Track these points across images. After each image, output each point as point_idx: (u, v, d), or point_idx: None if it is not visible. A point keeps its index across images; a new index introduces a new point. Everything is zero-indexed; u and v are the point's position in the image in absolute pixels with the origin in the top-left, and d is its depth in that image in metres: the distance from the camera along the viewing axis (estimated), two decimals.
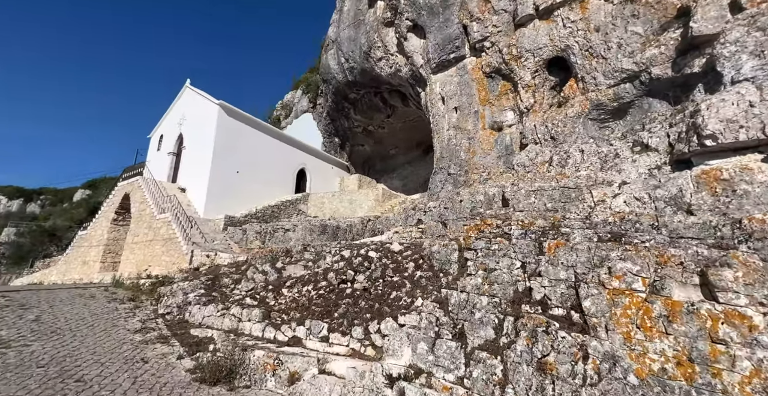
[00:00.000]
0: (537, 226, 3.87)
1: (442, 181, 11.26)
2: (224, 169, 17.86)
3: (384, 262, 5.66)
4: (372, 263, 5.79)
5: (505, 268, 3.57)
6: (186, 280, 7.74)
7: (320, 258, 7.23)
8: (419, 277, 4.93)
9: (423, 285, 4.80)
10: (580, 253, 3.07)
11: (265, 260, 8.23)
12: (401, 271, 5.32)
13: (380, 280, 5.36)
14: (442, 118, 12.11)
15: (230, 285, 7.24)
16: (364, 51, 16.78)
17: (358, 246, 6.62)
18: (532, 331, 2.83)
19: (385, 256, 5.79)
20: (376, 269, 5.58)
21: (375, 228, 11.35)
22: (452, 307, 3.61)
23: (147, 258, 14.15)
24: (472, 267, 3.72)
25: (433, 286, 4.68)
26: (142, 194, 16.14)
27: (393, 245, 6.00)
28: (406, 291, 4.79)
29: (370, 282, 5.42)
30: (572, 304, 2.90)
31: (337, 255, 6.57)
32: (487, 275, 3.56)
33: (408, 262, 5.45)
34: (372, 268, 5.70)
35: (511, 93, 10.09)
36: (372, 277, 5.49)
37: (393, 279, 5.24)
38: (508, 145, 10.03)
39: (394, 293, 4.86)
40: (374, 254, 5.95)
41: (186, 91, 20.83)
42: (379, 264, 5.66)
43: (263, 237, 14.78)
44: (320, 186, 23.60)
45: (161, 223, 14.24)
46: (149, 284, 8.40)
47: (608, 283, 2.80)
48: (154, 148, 22.38)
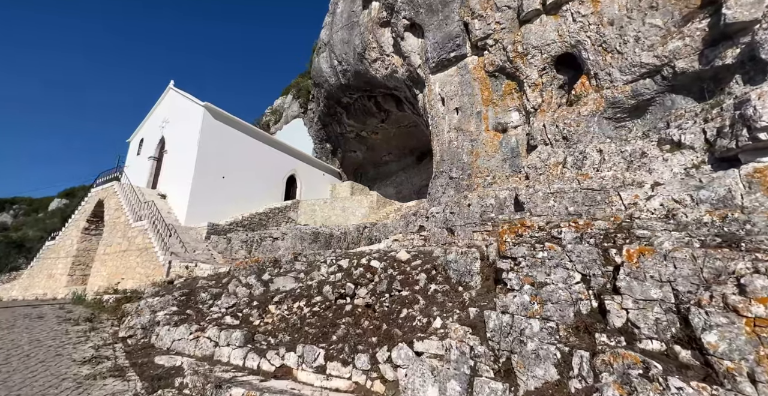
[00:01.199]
0: (597, 228, 3.17)
1: (443, 185, 10.58)
2: (209, 174, 16.84)
3: (390, 273, 4.86)
4: (375, 275, 4.98)
5: (560, 283, 2.82)
6: (156, 294, 6.73)
7: (314, 269, 6.36)
8: (434, 292, 4.15)
9: (440, 301, 4.01)
10: (681, 263, 2.30)
11: (250, 271, 7.30)
12: (411, 284, 4.52)
13: (386, 295, 4.55)
14: (442, 120, 11.52)
15: (208, 301, 6.28)
16: (358, 52, 16.25)
17: (358, 255, 5.80)
18: (622, 374, 2.02)
19: (391, 266, 4.99)
20: (381, 282, 4.77)
21: (372, 236, 10.54)
22: (491, 333, 2.83)
23: (120, 270, 12.92)
24: (515, 280, 2.97)
25: (452, 302, 3.90)
26: (117, 201, 14.96)
27: (399, 254, 5.21)
28: (419, 308, 3.99)
29: (374, 297, 4.60)
30: (677, 335, 2.15)
31: (333, 265, 5.73)
32: (536, 291, 2.80)
33: (418, 273, 4.66)
34: (376, 281, 4.89)
35: (516, 92, 9.58)
36: (376, 292, 4.67)
37: (402, 293, 4.43)
38: (513, 147, 9.45)
39: (405, 311, 4.05)
40: (377, 264, 5.14)
41: (169, 93, 19.87)
42: (384, 275, 4.85)
43: (250, 246, 13.75)
44: (311, 193, 22.70)
45: (137, 232, 13.08)
46: (114, 300, 7.34)
47: (744, 307, 2.06)
48: (134, 153, 21.21)
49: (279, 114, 30.31)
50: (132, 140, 21.89)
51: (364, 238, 10.66)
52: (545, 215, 5.72)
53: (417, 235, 8.55)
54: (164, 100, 20.25)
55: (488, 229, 6.41)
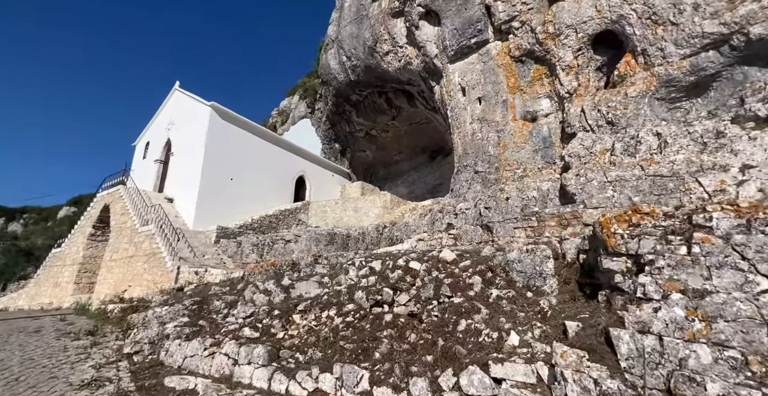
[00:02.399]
0: None
1: (468, 180, 9.85)
2: (216, 177, 16.30)
3: (435, 276, 4.15)
4: (417, 278, 4.27)
5: (734, 291, 2.04)
6: (165, 304, 6.09)
7: (339, 272, 5.67)
8: (497, 299, 3.43)
9: (506, 310, 3.30)
10: None
11: (266, 276, 6.63)
12: (463, 289, 3.80)
13: (434, 302, 3.83)
14: (463, 111, 10.81)
15: (222, 310, 5.61)
16: (368, 46, 15.63)
17: (391, 255, 5.10)
18: None
19: (435, 267, 4.28)
20: (425, 286, 4.06)
21: (392, 236, 9.83)
22: (628, 362, 2.07)
23: (126, 277, 12.36)
24: (651, 287, 2.23)
25: (525, 311, 3.18)
26: (123, 205, 14.45)
27: (443, 253, 4.50)
28: (482, 319, 3.27)
29: (419, 305, 3.88)
30: None
31: (363, 267, 5.03)
32: (694, 303, 2.03)
33: (471, 275, 3.94)
34: (418, 285, 4.18)
35: (547, 77, 8.84)
36: (421, 298, 3.95)
37: (454, 300, 3.72)
38: (545, 136, 8.70)
39: (463, 322, 3.34)
40: (418, 265, 4.43)
41: (175, 94, 19.44)
42: (429, 279, 4.14)
43: (261, 250, 13.12)
44: (320, 194, 22.09)
45: (144, 237, 12.53)
46: (119, 311, 6.72)
47: None
48: (140, 157, 20.80)
49: (286, 115, 29.84)
50: (138, 144, 21.50)
51: (384, 238, 9.96)
52: (603, 207, 4.97)
53: (445, 234, 7.82)
54: (170, 101, 19.84)
55: (532, 225, 5.67)
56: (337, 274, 5.83)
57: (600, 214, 4.77)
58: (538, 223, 5.53)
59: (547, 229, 5.35)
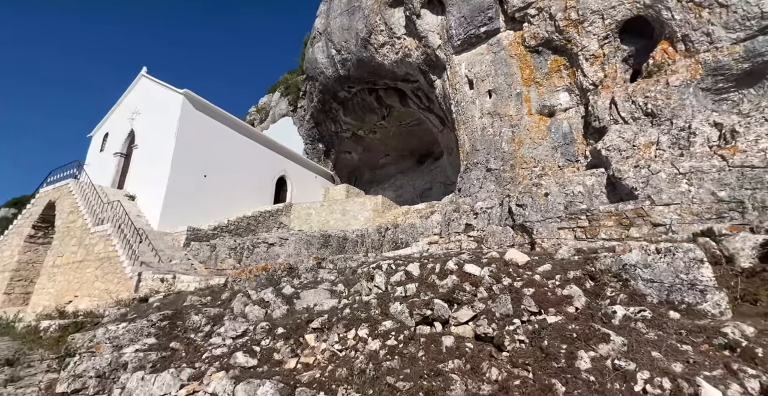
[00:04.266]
0: None
1: (479, 178, 9.04)
2: (188, 172, 14.55)
3: (507, 284, 3.16)
4: (479, 286, 3.26)
5: None
6: (123, 319, 4.64)
7: (357, 278, 4.55)
8: (625, 319, 2.49)
9: (652, 339, 2.34)
10: None
11: (258, 283, 5.36)
12: (557, 303, 2.84)
13: (516, 322, 2.82)
14: (471, 105, 10.08)
15: (203, 327, 4.29)
16: (362, 38, 14.73)
17: (433, 258, 4.06)
18: None
19: (504, 273, 3.29)
20: (497, 298, 3.05)
21: (396, 239, 8.78)
22: None
23: (72, 285, 10.38)
24: None
25: (689, 342, 2.22)
26: (73, 201, 12.39)
27: (510, 254, 3.52)
28: (618, 352, 2.28)
29: (495, 324, 2.86)
30: None
31: (395, 272, 3.95)
32: None
33: (561, 284, 3.00)
34: (483, 296, 3.16)
35: (566, 69, 8.29)
36: (494, 315, 2.94)
37: (548, 319, 2.74)
38: (566, 132, 8.10)
39: (583, 355, 2.33)
40: (477, 270, 3.42)
41: (141, 81, 17.47)
42: (499, 288, 3.14)
43: (239, 254, 11.59)
44: (302, 197, 20.63)
45: (97, 238, 10.64)
46: (57, 329, 5.09)
47: None
48: (96, 149, 18.49)
49: (265, 112, 28.19)
50: (94, 135, 19.15)
51: (387, 241, 8.88)
52: (676, 204, 4.23)
53: (465, 236, 6.90)
54: (135, 89, 17.82)
55: (582, 225, 4.87)
56: (352, 280, 4.69)
57: (674, 211, 4.01)
58: (590, 222, 4.73)
59: (602, 229, 4.56)
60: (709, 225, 3.65)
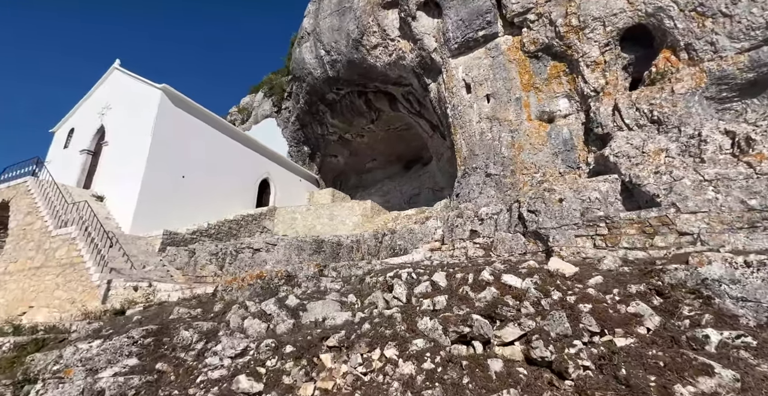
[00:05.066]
0: None
1: (479, 184, 8.86)
2: (165, 172, 13.61)
3: (558, 298, 2.88)
4: (523, 301, 2.95)
5: None
6: (97, 335, 3.99)
7: (369, 288, 4.15)
8: (723, 346, 2.22)
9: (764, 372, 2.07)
10: None
11: (253, 293, 4.83)
12: (624, 323, 2.58)
13: (577, 344, 2.52)
14: (469, 109, 9.96)
15: (194, 344, 3.73)
16: (353, 38, 14.44)
17: (459, 267, 3.73)
18: None
19: (552, 285, 3.00)
20: (546, 315, 2.76)
21: (394, 245, 8.41)
22: None
23: (28, 295, 9.26)
24: None
25: None
26: (31, 201, 11.19)
27: (557, 266, 3.25)
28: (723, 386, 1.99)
29: (552, 346, 2.54)
30: None
31: (419, 283, 3.59)
32: None
33: (624, 300, 2.73)
34: (529, 312, 2.86)
35: (566, 76, 8.32)
36: (549, 335, 2.63)
37: (617, 342, 2.44)
38: (566, 139, 8.08)
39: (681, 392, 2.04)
40: (517, 281, 3.13)
41: (114, 74, 16.36)
42: (549, 303, 2.86)
43: (221, 260, 10.82)
44: (286, 200, 19.89)
45: (60, 242, 9.58)
46: (12, 347, 4.26)
47: None
48: (59, 146, 17.08)
49: (247, 113, 27.22)
50: (58, 130, 17.69)
51: (384, 247, 8.48)
52: (704, 212, 4.14)
53: (470, 243, 6.64)
54: (106, 82, 16.65)
55: (601, 233, 4.71)
56: (363, 290, 4.29)
57: (702, 220, 3.91)
58: (610, 230, 4.58)
59: (623, 237, 4.41)
60: (742, 234, 3.57)
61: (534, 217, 5.39)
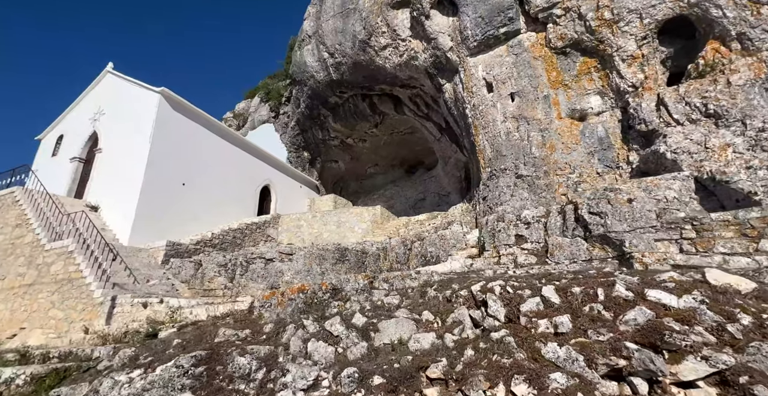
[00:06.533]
0: None
1: (509, 186, 8.46)
2: (164, 180, 12.84)
3: (750, 324, 2.38)
4: (693, 325, 2.46)
5: None
6: (134, 364, 3.35)
7: (442, 303, 3.64)
8: None
9: None
10: None
11: (294, 309, 4.26)
12: None
13: None
14: (492, 108, 9.63)
15: (254, 373, 3.14)
16: (360, 40, 14.07)
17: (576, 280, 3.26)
18: None
19: (731, 305, 2.52)
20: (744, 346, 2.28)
21: (425, 252, 7.89)
22: None
23: (18, 315, 8.35)
24: None
25: None
26: (20, 213, 10.29)
27: (726, 279, 2.76)
28: None
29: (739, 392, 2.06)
30: None
31: (524, 299, 3.09)
32: None
33: None
34: (710, 342, 2.37)
35: (598, 71, 8.07)
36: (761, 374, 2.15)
37: None
38: (601, 137, 7.79)
39: None
40: (672, 299, 2.63)
41: (107, 78, 15.56)
42: (739, 329, 2.36)
43: (231, 272, 10.10)
44: (287, 208, 19.19)
45: (54, 256, 8.73)
46: (30, 379, 3.47)
47: None
48: (47, 154, 16.10)
49: (243, 118, 26.52)
50: (44, 137, 16.70)
51: (414, 255, 7.95)
52: None
53: (517, 249, 6.19)
54: (98, 86, 15.82)
55: (688, 236, 4.29)
56: (431, 305, 3.78)
57: None
58: (699, 233, 4.17)
59: (718, 241, 4.01)
60: None
61: (598, 219, 4.98)
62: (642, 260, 4.20)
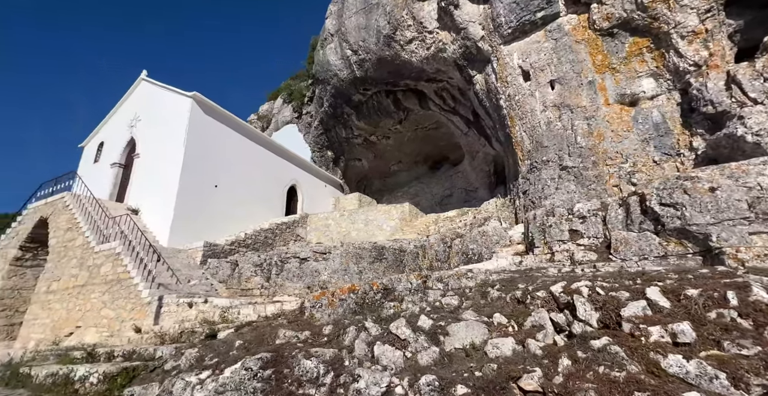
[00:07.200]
0: None
1: (553, 178, 8.02)
2: (198, 183, 13.14)
3: None
4: None
5: None
6: (201, 365, 3.31)
7: (526, 305, 3.38)
8: None
9: None
10: None
11: (345, 309, 4.12)
12: None
13: None
14: (530, 98, 9.16)
15: (322, 378, 3.00)
16: (384, 35, 13.84)
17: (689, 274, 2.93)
18: None
19: None
20: None
21: (466, 250, 7.60)
22: None
23: (74, 315, 8.74)
24: None
25: None
26: (70, 217, 10.78)
27: None
28: None
29: None
30: None
31: (623, 302, 2.78)
32: None
33: None
34: None
35: (651, 52, 7.47)
36: None
37: None
38: (657, 122, 7.20)
39: None
40: None
41: (141, 85, 16.10)
42: None
43: (267, 271, 10.17)
44: (312, 207, 19.29)
45: (103, 258, 9.07)
46: (103, 378, 3.50)
47: None
48: (89, 161, 16.86)
49: (267, 120, 26.94)
50: (87, 145, 17.52)
51: (455, 253, 7.68)
52: None
53: (573, 245, 5.80)
54: (134, 94, 16.41)
55: None
56: (504, 307, 3.53)
57: None
58: None
59: None
60: None
61: (673, 211, 4.53)
62: (737, 256, 3.76)
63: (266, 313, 4.97)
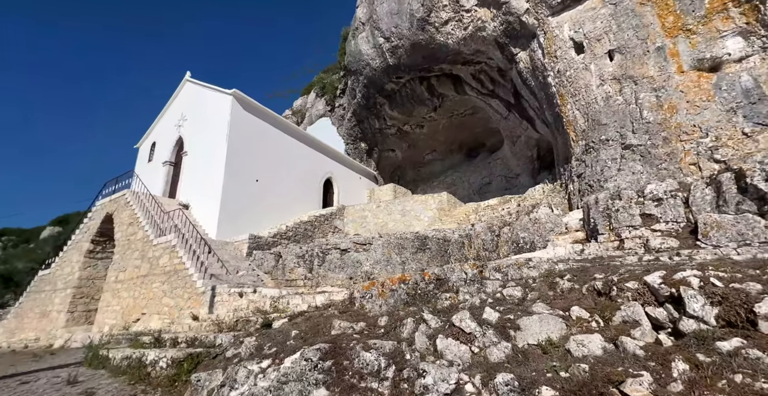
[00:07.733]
0: None
1: (614, 159, 7.24)
2: (241, 177, 13.58)
3: None
4: None
5: None
6: (261, 354, 3.30)
7: (612, 298, 2.98)
8: None
9: None
10: None
11: (397, 300, 3.91)
12: None
13: None
14: (584, 71, 8.32)
15: (384, 371, 2.85)
16: (418, 18, 13.28)
17: None
18: None
19: None
20: None
21: (516, 238, 7.11)
22: None
23: (139, 302, 9.42)
24: None
25: None
26: (131, 212, 11.60)
27: None
28: None
29: None
30: None
31: (753, 297, 2.30)
32: None
33: None
34: None
35: (737, 6, 6.41)
36: None
37: None
38: (748, 87, 6.19)
39: None
40: None
41: (186, 86, 16.86)
42: None
43: (309, 263, 10.30)
44: (348, 199, 19.37)
45: (161, 250, 9.66)
46: (171, 363, 3.70)
47: None
48: (144, 160, 18.03)
49: (301, 115, 27.38)
50: (141, 146, 18.76)
51: (504, 242, 7.22)
52: None
53: (646, 230, 5.17)
54: (180, 94, 17.24)
55: None
56: (581, 300, 3.14)
57: None
58: None
59: None
60: None
61: None
62: None
63: (316, 303, 4.94)
